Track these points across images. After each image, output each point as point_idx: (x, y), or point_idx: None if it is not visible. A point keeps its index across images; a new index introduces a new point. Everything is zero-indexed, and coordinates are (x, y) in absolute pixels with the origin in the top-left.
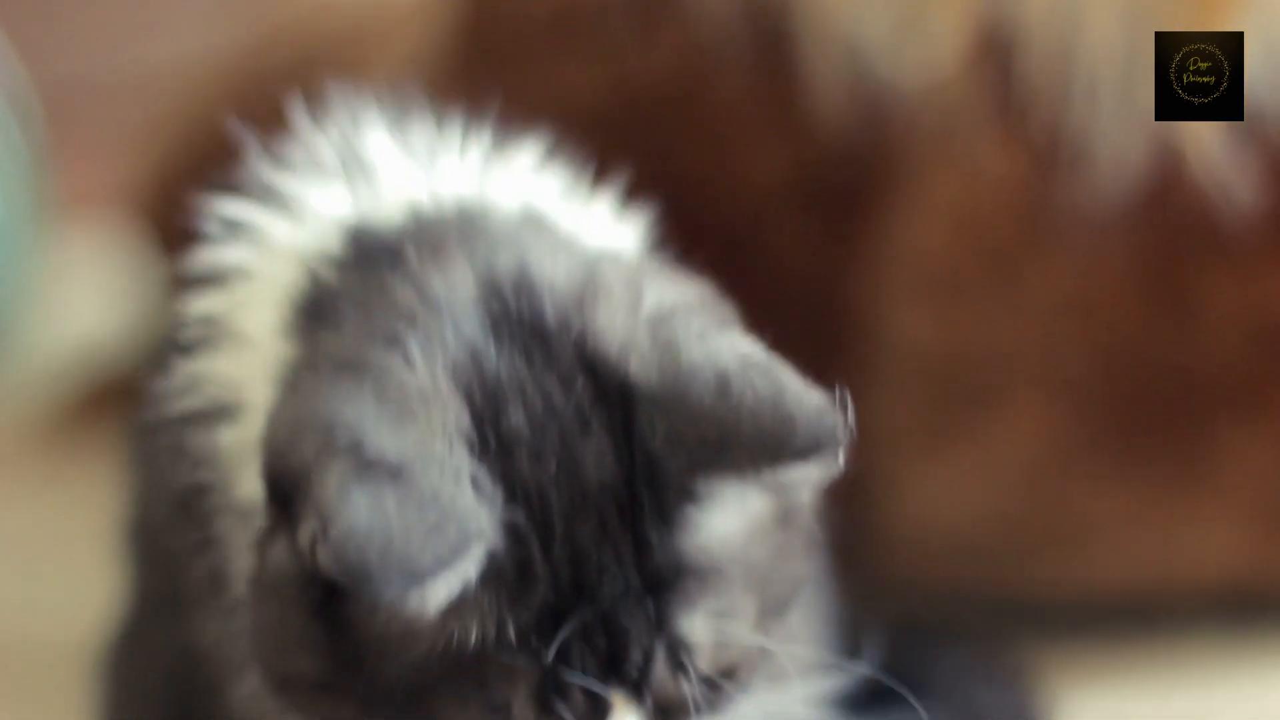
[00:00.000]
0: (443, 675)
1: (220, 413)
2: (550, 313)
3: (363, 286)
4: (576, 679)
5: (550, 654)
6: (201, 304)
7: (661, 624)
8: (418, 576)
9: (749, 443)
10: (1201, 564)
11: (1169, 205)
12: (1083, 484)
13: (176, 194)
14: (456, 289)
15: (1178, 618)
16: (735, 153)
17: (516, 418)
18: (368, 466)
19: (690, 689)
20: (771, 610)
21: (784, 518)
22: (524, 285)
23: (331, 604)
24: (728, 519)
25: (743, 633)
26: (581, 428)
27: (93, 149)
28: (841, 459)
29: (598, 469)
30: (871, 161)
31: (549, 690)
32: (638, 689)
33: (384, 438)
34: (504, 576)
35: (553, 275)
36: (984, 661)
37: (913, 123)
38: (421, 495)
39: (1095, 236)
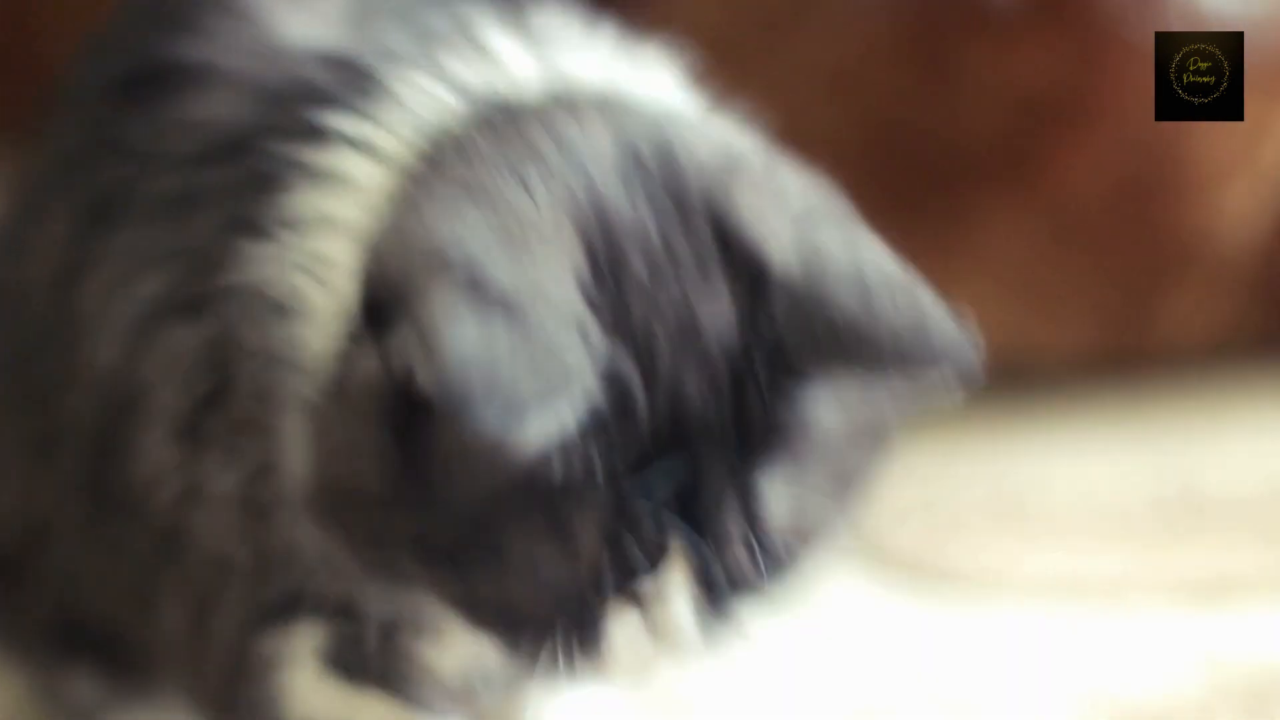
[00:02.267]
0: (516, 506)
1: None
2: (692, 182)
3: (494, 133)
4: (646, 510)
5: (630, 486)
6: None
7: (741, 475)
8: (517, 411)
9: (884, 351)
10: None
11: None
12: None
13: None
14: (594, 142)
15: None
16: None
17: (637, 265)
18: (480, 292)
19: (750, 554)
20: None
21: (876, 431)
22: (665, 153)
23: (413, 424)
24: (831, 411)
25: (818, 505)
26: (706, 289)
27: None
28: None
29: (714, 328)
30: None
31: (620, 523)
32: (701, 534)
33: (499, 267)
34: (601, 418)
35: (695, 150)
36: None
37: None
38: (531, 332)
39: (861, 6)
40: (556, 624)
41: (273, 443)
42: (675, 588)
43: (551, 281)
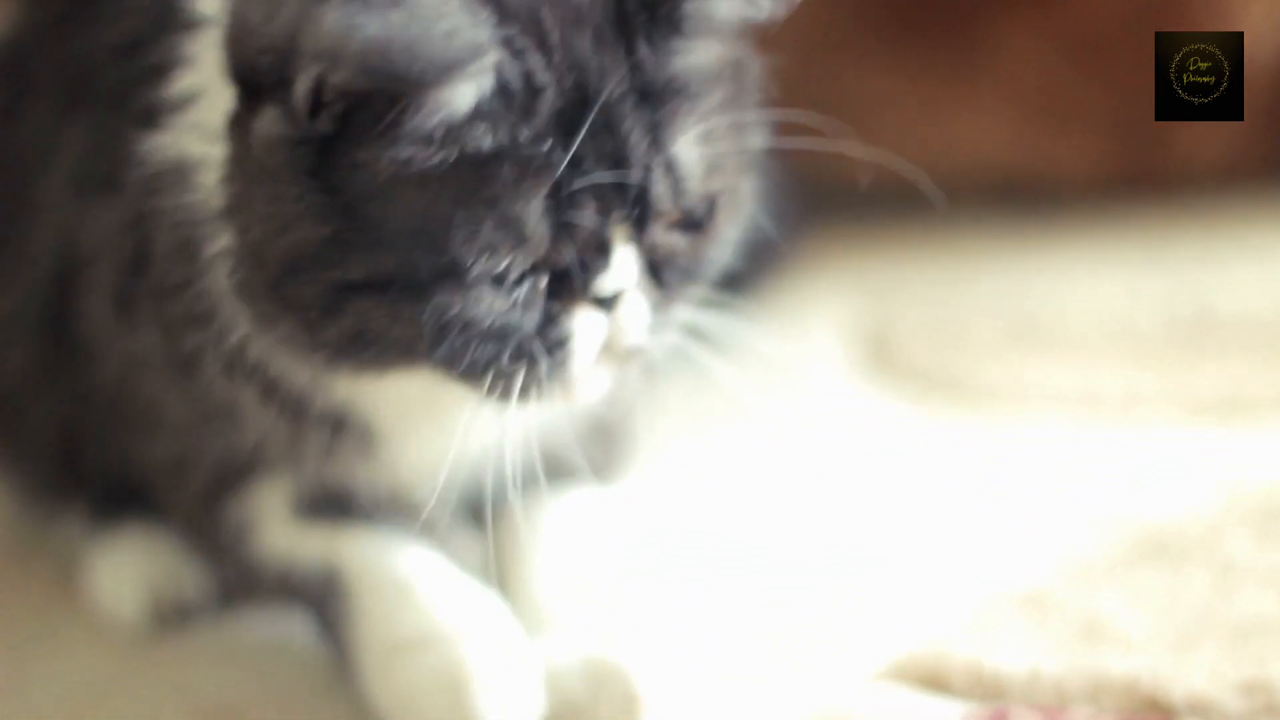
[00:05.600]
0: (453, 203)
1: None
2: None
3: None
4: (586, 182)
5: (564, 155)
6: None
7: (658, 141)
8: (447, 66)
9: None
10: (974, 153)
11: None
12: (854, 66)
13: None
14: None
15: (954, 204)
16: None
17: None
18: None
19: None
20: (743, 168)
21: (738, 68)
22: None
23: (327, 160)
24: (709, 49)
25: (725, 162)
26: None
27: None
28: None
29: None
30: None
31: (562, 198)
32: (639, 208)
33: None
34: (509, 87)
35: None
36: None
37: None
38: (424, 11)
39: None
40: (523, 339)
41: (193, 291)
42: (629, 280)
43: None
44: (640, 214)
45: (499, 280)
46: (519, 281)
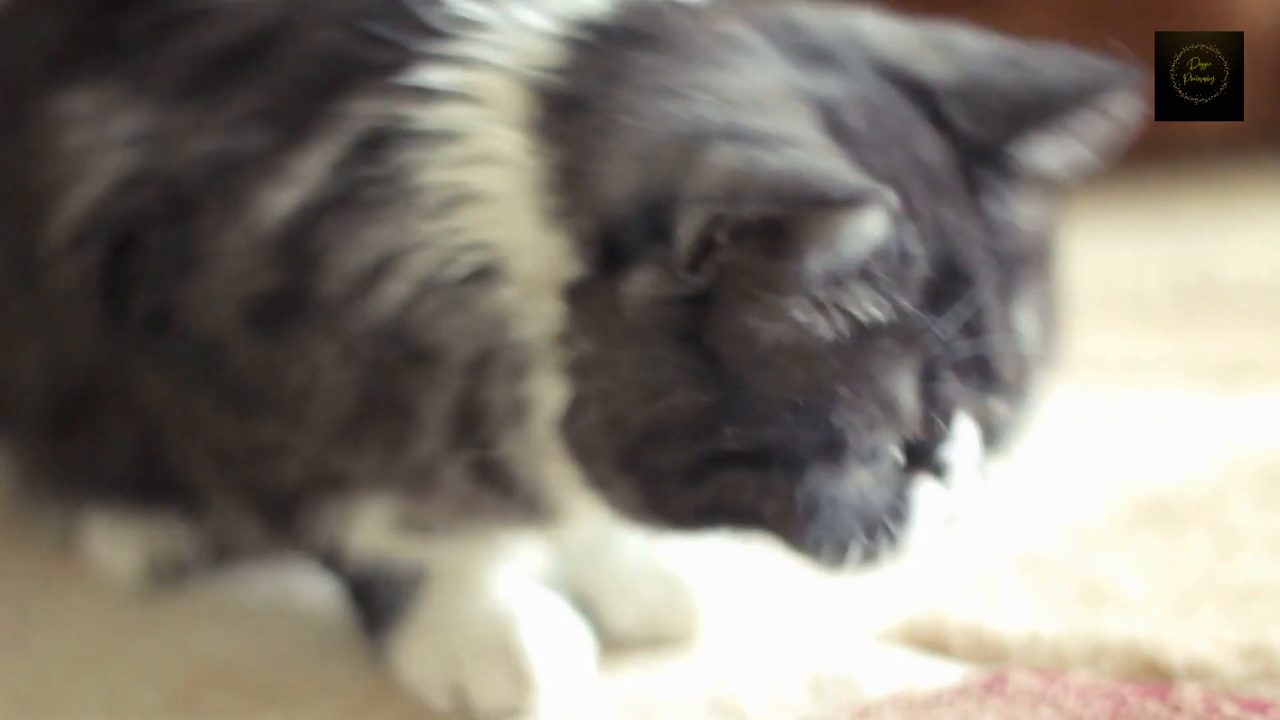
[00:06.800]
0: (834, 377)
1: (489, 272)
2: (826, 38)
3: (627, 55)
4: (956, 356)
5: (939, 327)
6: (435, 172)
7: (1006, 308)
8: (861, 191)
9: (1058, 87)
10: None
11: None
12: None
13: None
14: (738, 32)
15: None
16: None
17: (855, 119)
18: (750, 136)
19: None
20: (1053, 333)
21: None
22: (790, 24)
23: (705, 322)
24: (1037, 210)
25: (1052, 324)
26: (908, 122)
27: None
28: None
29: (936, 155)
30: None
31: (934, 375)
32: (984, 377)
33: (753, 119)
34: (889, 253)
35: (819, 22)
36: None
37: None
38: (817, 150)
39: None
40: (874, 514)
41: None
42: (970, 450)
43: (804, 127)
44: (984, 383)
45: (869, 456)
46: (881, 456)
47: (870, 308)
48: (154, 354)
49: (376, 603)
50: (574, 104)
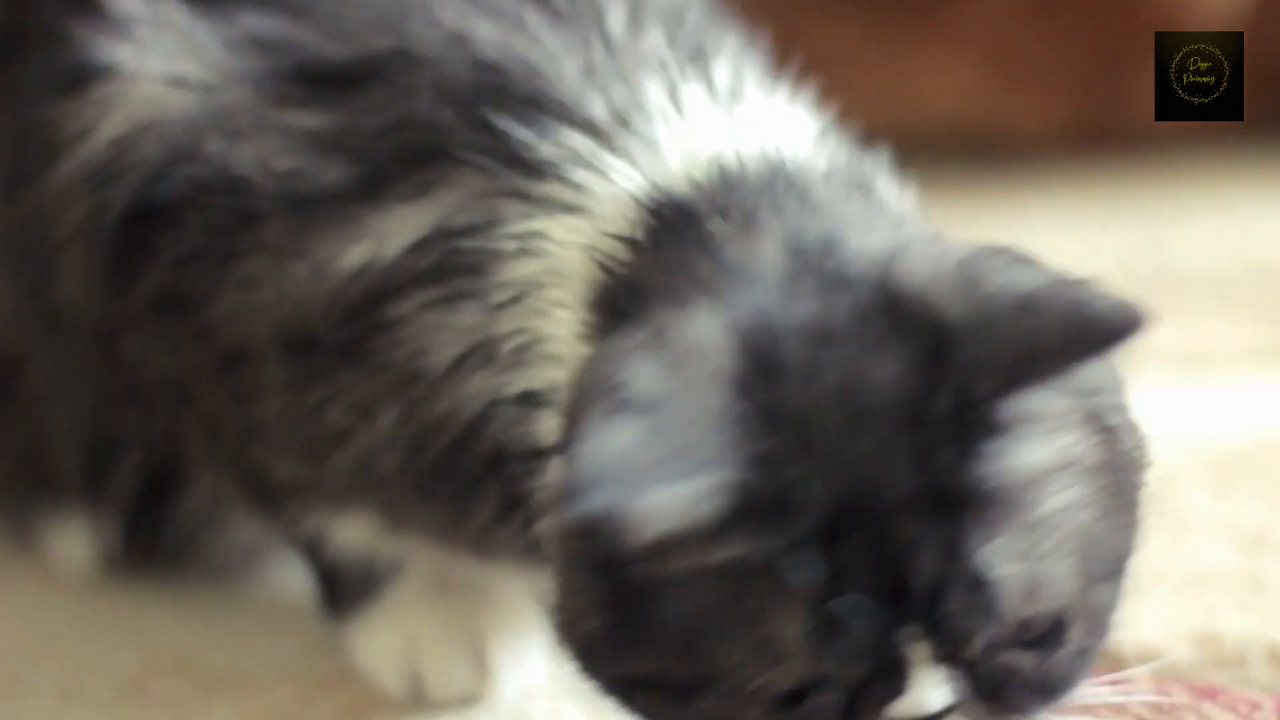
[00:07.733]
0: (715, 612)
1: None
2: (853, 268)
3: (663, 268)
4: (848, 605)
5: (821, 574)
6: (507, 322)
7: (955, 554)
8: (633, 488)
9: (1053, 343)
10: (933, 106)
11: None
12: (814, 19)
13: None
14: (758, 257)
15: (912, 158)
16: None
17: (795, 347)
18: (624, 404)
19: (996, 639)
20: (1097, 577)
21: (1107, 468)
22: (831, 250)
23: (613, 559)
24: (1036, 450)
25: (1061, 575)
26: (869, 352)
27: None
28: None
29: (886, 389)
30: None
31: (824, 621)
32: (932, 629)
33: (647, 381)
34: (760, 504)
35: (862, 244)
36: None
37: None
38: (667, 426)
39: None
40: None
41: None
42: (937, 703)
43: (702, 385)
44: (943, 634)
45: (762, 695)
46: (798, 699)
47: (727, 550)
48: (152, 330)
49: (345, 586)
50: (619, 307)
